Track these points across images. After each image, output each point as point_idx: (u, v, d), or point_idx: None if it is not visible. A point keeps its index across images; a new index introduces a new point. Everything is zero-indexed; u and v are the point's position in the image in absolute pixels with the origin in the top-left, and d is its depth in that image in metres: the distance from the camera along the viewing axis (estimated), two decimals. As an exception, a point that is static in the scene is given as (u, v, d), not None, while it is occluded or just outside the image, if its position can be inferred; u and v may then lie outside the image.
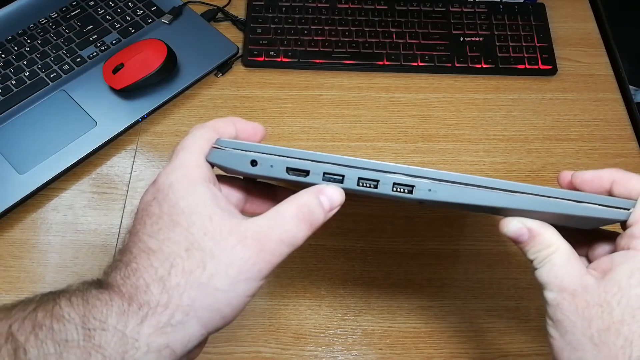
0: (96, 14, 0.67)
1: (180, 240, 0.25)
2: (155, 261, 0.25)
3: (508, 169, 0.59)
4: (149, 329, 0.23)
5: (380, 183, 0.29)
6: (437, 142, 0.61)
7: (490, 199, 0.29)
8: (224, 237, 0.26)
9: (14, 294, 0.50)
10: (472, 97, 0.65)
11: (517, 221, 0.31)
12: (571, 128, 0.63)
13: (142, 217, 0.27)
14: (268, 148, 0.29)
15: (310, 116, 0.62)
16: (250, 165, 0.29)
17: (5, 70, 0.61)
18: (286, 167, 0.29)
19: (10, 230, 0.54)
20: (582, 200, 0.29)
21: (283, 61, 0.65)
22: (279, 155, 0.29)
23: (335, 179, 0.29)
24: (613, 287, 0.28)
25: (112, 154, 0.59)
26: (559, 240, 0.30)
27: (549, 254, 0.30)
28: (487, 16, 0.69)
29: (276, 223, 0.27)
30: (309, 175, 0.29)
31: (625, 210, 0.30)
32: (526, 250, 0.31)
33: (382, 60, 0.66)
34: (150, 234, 0.26)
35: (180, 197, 0.26)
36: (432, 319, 0.51)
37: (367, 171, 0.29)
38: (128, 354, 0.22)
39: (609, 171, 0.32)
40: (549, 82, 0.66)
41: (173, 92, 0.61)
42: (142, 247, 0.26)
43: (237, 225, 0.26)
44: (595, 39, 0.70)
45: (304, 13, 0.68)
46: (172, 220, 0.26)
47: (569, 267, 0.29)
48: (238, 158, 0.29)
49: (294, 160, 0.29)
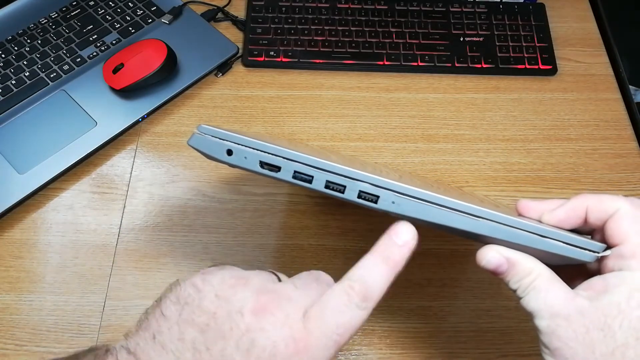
0: (96, 14, 0.67)
1: (195, 336, 0.26)
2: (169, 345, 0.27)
3: (508, 169, 0.59)
4: None
5: (347, 189, 0.29)
6: (437, 142, 0.61)
7: (453, 220, 0.29)
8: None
9: (14, 294, 0.50)
10: (472, 97, 0.65)
11: (494, 252, 0.30)
12: (571, 128, 0.63)
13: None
14: (245, 140, 0.30)
15: (310, 116, 0.62)
16: (226, 154, 0.30)
17: (5, 70, 0.61)
18: (259, 161, 0.30)
19: (10, 230, 0.54)
20: (547, 236, 0.29)
21: (283, 61, 0.65)
22: (254, 148, 0.30)
23: (305, 178, 0.29)
24: (613, 310, 0.27)
25: (112, 154, 0.59)
26: (538, 266, 0.29)
27: (532, 280, 0.29)
28: (487, 16, 0.69)
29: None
30: (280, 172, 0.29)
31: (591, 253, 0.29)
32: (507, 280, 0.30)
33: (382, 60, 0.66)
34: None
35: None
36: (432, 319, 0.51)
37: (336, 176, 0.29)
38: None
39: (579, 200, 0.30)
40: (549, 82, 0.66)
41: (173, 92, 0.62)
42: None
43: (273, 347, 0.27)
44: (595, 39, 0.70)
45: (304, 13, 0.68)
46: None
47: (555, 291, 0.28)
48: (215, 145, 0.30)
49: (267, 155, 0.29)
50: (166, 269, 0.52)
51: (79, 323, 0.49)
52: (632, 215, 0.29)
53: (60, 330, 0.49)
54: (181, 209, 0.55)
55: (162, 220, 0.55)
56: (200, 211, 0.55)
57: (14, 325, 0.49)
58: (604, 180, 0.59)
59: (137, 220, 0.55)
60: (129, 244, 0.53)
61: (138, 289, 0.51)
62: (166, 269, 0.52)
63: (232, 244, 0.54)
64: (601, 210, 0.29)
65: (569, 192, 0.58)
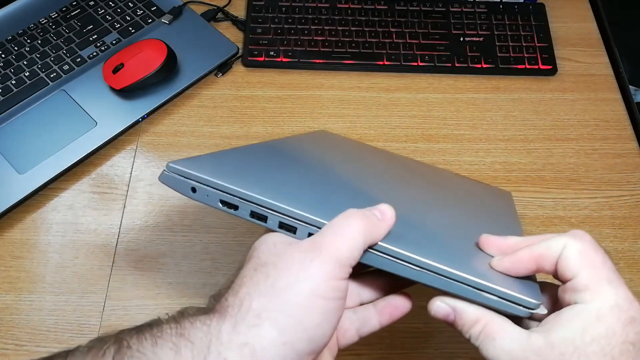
0: (96, 14, 0.67)
1: (251, 266, 0.29)
2: (234, 285, 0.28)
3: (508, 169, 0.59)
4: (229, 327, 0.26)
5: (297, 230, 0.30)
6: (437, 142, 0.61)
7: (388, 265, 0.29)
8: (287, 253, 0.28)
9: (14, 294, 0.50)
10: (472, 97, 0.65)
11: (439, 301, 0.30)
12: (571, 128, 0.63)
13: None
14: (207, 180, 0.31)
15: (310, 116, 0.62)
16: (191, 192, 0.32)
17: (5, 70, 0.61)
18: (219, 199, 0.31)
19: (10, 230, 0.54)
20: (483, 290, 0.29)
21: (283, 61, 0.65)
22: (215, 188, 0.31)
23: (261, 217, 0.31)
24: (569, 347, 0.27)
25: (112, 154, 0.59)
26: (485, 312, 0.29)
27: (481, 328, 0.29)
28: (487, 16, 0.69)
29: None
30: (238, 210, 0.31)
31: (525, 309, 0.28)
32: (459, 330, 0.30)
33: (382, 60, 0.66)
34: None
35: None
36: (432, 319, 0.50)
37: (286, 217, 0.30)
38: (212, 345, 0.25)
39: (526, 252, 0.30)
40: (549, 82, 0.66)
41: (173, 92, 0.61)
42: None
43: (297, 242, 0.29)
44: (595, 39, 0.70)
45: (304, 13, 0.68)
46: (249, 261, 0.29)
47: (508, 336, 0.28)
48: (181, 183, 0.32)
49: (226, 194, 0.31)
50: (166, 269, 0.52)
51: (79, 323, 0.49)
52: (578, 249, 0.29)
53: (60, 330, 0.49)
54: (181, 209, 0.55)
55: (162, 220, 0.55)
56: (200, 211, 0.55)
57: (14, 325, 0.49)
58: (604, 180, 0.59)
59: (137, 220, 0.55)
60: (129, 244, 0.53)
61: (138, 289, 0.51)
62: (166, 269, 0.52)
63: (232, 244, 0.53)
64: (550, 256, 0.29)
65: (569, 192, 0.58)
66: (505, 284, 0.29)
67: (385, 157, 0.52)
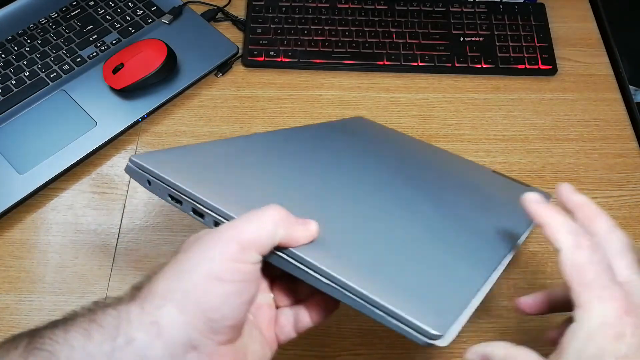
0: (96, 14, 0.67)
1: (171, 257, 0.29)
2: (150, 274, 0.29)
3: (508, 169, 0.59)
4: (137, 309, 0.27)
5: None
6: (437, 142, 0.61)
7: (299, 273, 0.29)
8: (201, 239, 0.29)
9: (13, 294, 0.50)
10: (472, 97, 0.65)
11: (468, 354, 0.33)
12: (571, 128, 0.63)
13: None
14: (158, 175, 0.33)
15: (311, 116, 0.62)
16: (147, 184, 0.34)
17: (5, 70, 0.61)
18: (168, 194, 0.33)
19: (10, 230, 0.54)
20: (378, 308, 0.28)
21: (283, 61, 0.65)
22: (164, 183, 0.33)
23: (200, 214, 0.32)
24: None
25: (112, 154, 0.59)
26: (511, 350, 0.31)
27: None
28: (487, 16, 0.69)
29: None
30: (182, 205, 0.33)
31: (424, 337, 0.27)
32: None
33: (382, 60, 0.66)
34: None
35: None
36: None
37: (221, 218, 0.31)
38: (121, 327, 0.26)
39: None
40: (549, 82, 0.66)
41: (173, 92, 0.62)
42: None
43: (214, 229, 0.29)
44: (595, 39, 0.70)
45: (304, 13, 0.68)
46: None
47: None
48: (139, 176, 0.34)
49: (172, 190, 0.32)
50: (166, 269, 0.52)
51: (79, 323, 0.49)
52: (571, 263, 0.30)
53: (60, 330, 0.49)
54: (181, 209, 0.55)
55: (162, 220, 0.55)
56: (200, 211, 0.55)
57: (14, 325, 0.49)
58: (604, 180, 0.59)
59: (137, 220, 0.55)
60: (129, 244, 0.53)
61: (138, 289, 0.51)
62: (166, 269, 0.52)
63: (232, 244, 0.53)
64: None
65: (569, 192, 0.58)
66: (414, 308, 0.28)
67: (419, 150, 0.53)
